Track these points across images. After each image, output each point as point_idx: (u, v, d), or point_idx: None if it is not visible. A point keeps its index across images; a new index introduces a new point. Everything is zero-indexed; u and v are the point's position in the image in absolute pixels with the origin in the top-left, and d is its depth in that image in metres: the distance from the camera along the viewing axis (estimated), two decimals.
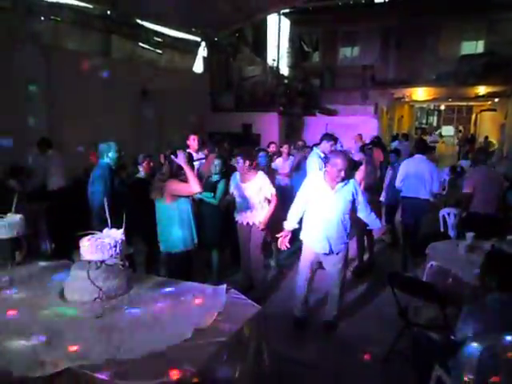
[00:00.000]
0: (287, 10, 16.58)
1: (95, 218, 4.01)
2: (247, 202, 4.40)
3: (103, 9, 8.95)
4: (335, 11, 15.81)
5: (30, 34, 7.21)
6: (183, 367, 1.85)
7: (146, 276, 2.99)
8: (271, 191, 4.36)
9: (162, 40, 10.97)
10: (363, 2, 15.53)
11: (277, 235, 3.88)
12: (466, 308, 2.40)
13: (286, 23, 17.66)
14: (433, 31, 16.22)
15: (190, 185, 3.30)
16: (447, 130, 30.13)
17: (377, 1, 15.60)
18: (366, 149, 5.99)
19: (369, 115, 13.86)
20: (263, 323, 2.50)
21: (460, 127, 24.47)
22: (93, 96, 7.79)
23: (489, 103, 18.24)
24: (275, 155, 7.11)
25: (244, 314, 2.38)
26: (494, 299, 2.35)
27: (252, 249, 4.47)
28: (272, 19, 16.23)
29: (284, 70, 17.28)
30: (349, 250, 3.94)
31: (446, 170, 9.09)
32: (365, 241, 5.48)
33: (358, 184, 5.08)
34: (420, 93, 17.20)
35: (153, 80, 9.48)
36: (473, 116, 22.62)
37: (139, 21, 10.03)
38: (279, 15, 16.18)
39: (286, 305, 4.25)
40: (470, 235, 3.89)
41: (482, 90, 15.95)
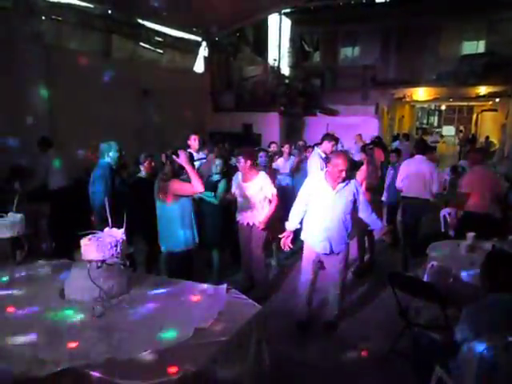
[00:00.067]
0: (288, 10, 16.59)
1: (96, 218, 4.02)
2: (248, 202, 4.39)
3: (104, 8, 8.95)
4: (336, 11, 15.81)
5: (31, 34, 7.21)
6: (184, 367, 1.85)
7: (147, 275, 2.99)
8: (272, 191, 4.36)
9: (163, 40, 10.97)
10: (364, 2, 15.54)
11: (279, 235, 3.88)
12: (467, 308, 2.40)
13: (287, 23, 17.67)
14: (433, 31, 16.23)
15: (193, 184, 3.31)
16: (448, 130, 30.10)
17: (378, 1, 15.61)
18: (367, 149, 5.97)
19: (369, 115, 13.85)
20: (264, 323, 2.50)
21: (461, 127, 24.43)
22: (93, 96, 7.79)
23: (490, 103, 18.22)
24: (276, 155, 7.11)
25: (244, 314, 2.38)
26: (495, 299, 2.34)
27: (253, 249, 4.47)
28: (273, 19, 16.25)
29: (285, 70, 17.29)
30: (349, 251, 3.94)
31: (447, 170, 9.08)
32: (365, 241, 5.49)
33: (360, 184, 5.11)
34: (421, 93, 17.19)
35: (154, 80, 9.49)
36: (474, 116, 22.60)
37: (140, 20, 10.03)
38: (280, 15, 16.18)
39: (287, 304, 4.25)
40: (471, 235, 3.88)
41: (483, 90, 15.94)
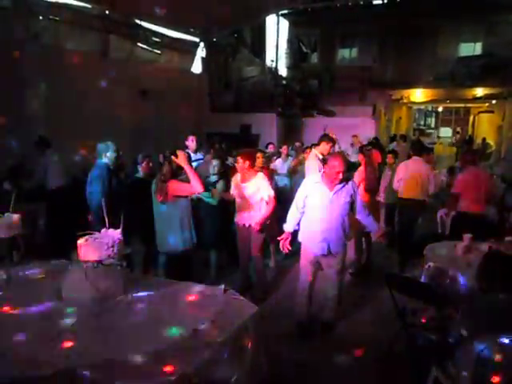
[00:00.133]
0: (286, 11, 16.60)
1: (93, 218, 4.01)
2: (246, 203, 4.39)
3: (102, 9, 8.95)
4: (333, 12, 15.84)
5: (29, 34, 7.20)
6: (181, 368, 1.85)
7: (144, 276, 2.99)
8: (269, 193, 4.32)
9: (161, 40, 10.98)
10: (361, 4, 15.57)
11: (277, 236, 3.87)
12: (464, 309, 2.41)
13: (285, 24, 17.68)
14: (431, 33, 16.25)
15: (192, 185, 3.30)
16: (445, 132, 30.16)
17: (375, 2, 15.65)
18: (365, 150, 5.99)
19: (367, 116, 13.88)
20: (261, 324, 2.51)
21: (458, 129, 24.45)
22: (91, 96, 7.78)
23: (486, 105, 18.25)
24: (274, 156, 7.14)
25: (242, 315, 2.38)
26: (492, 300, 2.35)
27: (251, 249, 4.47)
28: (271, 20, 16.27)
29: (282, 71, 17.29)
30: (347, 252, 3.94)
31: (444, 171, 9.11)
32: (363, 242, 5.50)
33: (358, 185, 5.12)
34: (418, 94, 17.21)
35: (151, 80, 9.49)
36: (470, 118, 22.62)
37: (138, 21, 10.03)
38: (278, 16, 16.19)
39: (285, 305, 4.25)
40: (468, 236, 3.90)
41: (480, 92, 15.97)
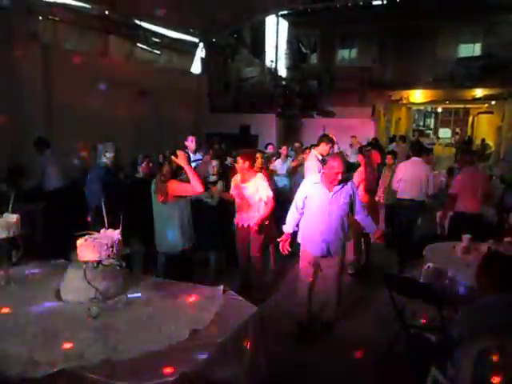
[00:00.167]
0: (285, 12, 16.60)
1: (92, 218, 4.01)
2: (246, 203, 4.38)
3: (101, 9, 8.94)
4: (333, 13, 15.85)
5: (29, 34, 7.20)
6: (180, 368, 1.84)
7: (143, 276, 2.98)
8: (267, 194, 4.30)
9: (160, 40, 10.96)
10: (361, 4, 15.57)
11: (276, 237, 3.86)
12: (463, 309, 2.41)
13: (284, 25, 17.70)
14: (430, 34, 16.27)
15: (193, 185, 3.29)
16: (444, 133, 30.18)
17: (375, 3, 15.65)
18: (365, 150, 5.99)
19: (366, 117, 13.89)
20: (260, 324, 2.50)
21: (457, 129, 24.46)
22: (90, 96, 7.77)
23: (486, 106, 18.26)
24: (274, 157, 7.14)
25: (241, 315, 2.38)
26: (491, 300, 2.35)
27: (251, 250, 4.46)
28: (270, 20, 16.28)
29: (282, 72, 17.30)
30: (346, 252, 3.94)
31: (444, 172, 9.11)
32: (362, 243, 5.49)
33: (357, 186, 5.12)
34: (417, 95, 17.22)
35: (151, 81, 9.48)
36: (470, 118, 22.63)
37: (137, 21, 10.02)
38: (277, 17, 16.22)
39: (285, 306, 4.26)
40: (467, 237, 3.90)
41: (479, 93, 15.99)
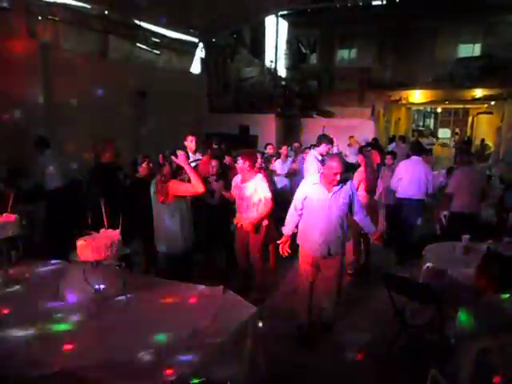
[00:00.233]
0: (285, 12, 16.61)
1: (92, 218, 4.00)
2: (246, 203, 4.38)
3: (101, 9, 8.94)
4: (333, 13, 15.85)
5: (29, 34, 7.19)
6: (179, 368, 1.84)
7: (143, 276, 2.98)
8: (265, 195, 4.27)
9: (160, 41, 10.97)
10: (361, 5, 15.59)
11: (276, 237, 3.86)
12: (462, 309, 2.41)
13: (284, 25, 17.70)
14: (430, 34, 16.27)
15: (194, 184, 3.29)
16: (444, 133, 30.21)
17: (374, 3, 15.66)
18: (365, 151, 6.00)
19: (366, 117, 13.90)
20: (260, 324, 2.50)
21: (457, 130, 24.48)
22: (90, 96, 7.77)
23: (485, 106, 18.27)
24: (274, 157, 7.12)
25: (240, 316, 2.38)
26: (490, 301, 2.36)
27: (251, 250, 4.45)
28: (270, 21, 16.29)
29: (282, 72, 17.31)
30: (345, 252, 3.94)
31: (443, 172, 9.12)
32: (361, 243, 5.50)
33: (357, 186, 5.12)
34: (417, 95, 17.23)
35: (150, 81, 9.48)
36: (469, 119, 22.64)
37: (137, 21, 10.02)
38: (277, 17, 16.22)
39: (284, 306, 4.26)
40: (466, 237, 3.90)
41: (479, 93, 16.00)
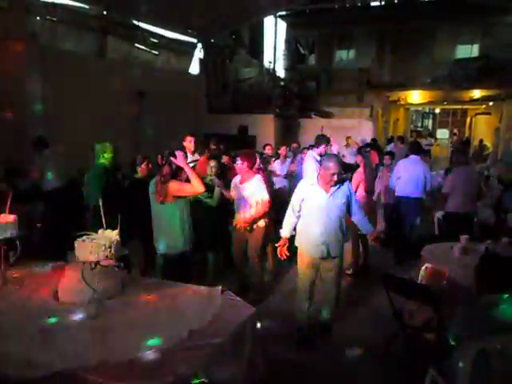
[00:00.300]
0: (284, 13, 16.63)
1: (90, 219, 4.00)
2: (244, 203, 4.38)
3: (99, 9, 8.94)
4: (331, 14, 15.87)
5: (27, 34, 7.19)
6: (178, 369, 1.84)
7: (141, 277, 2.98)
8: (262, 197, 4.25)
9: (158, 41, 10.97)
10: (359, 5, 15.61)
11: (274, 238, 3.85)
12: (460, 310, 2.41)
13: (283, 25, 17.72)
14: (428, 35, 16.33)
15: (193, 185, 3.29)
16: (442, 133, 30.26)
17: (373, 4, 15.68)
18: (364, 151, 6.01)
19: (364, 118, 13.92)
20: (258, 325, 2.50)
21: (455, 130, 24.53)
22: (88, 96, 7.76)
23: (483, 107, 18.32)
24: (273, 157, 7.12)
25: (239, 316, 2.38)
26: (488, 301, 2.36)
27: (249, 251, 4.45)
28: (268, 21, 16.31)
29: (280, 72, 17.33)
30: (344, 253, 3.94)
31: (441, 173, 9.13)
32: (359, 243, 5.50)
33: (356, 186, 5.13)
34: (415, 96, 17.28)
35: (149, 81, 9.47)
36: (467, 119, 22.70)
37: (135, 21, 10.02)
38: (275, 17, 16.22)
39: (282, 306, 4.26)
40: (464, 237, 3.91)
41: (477, 94, 16.05)
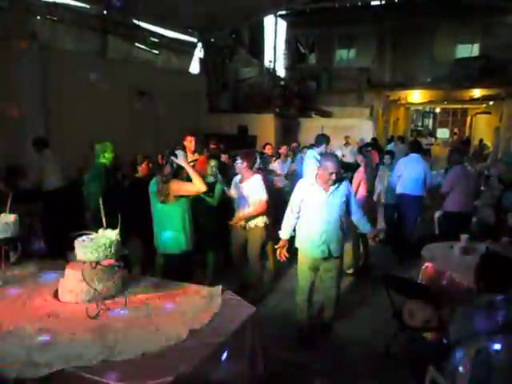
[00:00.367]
0: (284, 12, 16.60)
1: (90, 219, 4.00)
2: (244, 202, 4.38)
3: (100, 9, 8.93)
4: (331, 13, 15.86)
5: (27, 34, 7.18)
6: (178, 368, 1.84)
7: (142, 277, 2.98)
8: (261, 197, 4.25)
9: (159, 40, 10.96)
10: (359, 5, 15.60)
11: (274, 239, 3.84)
12: (461, 309, 2.42)
13: (283, 25, 17.70)
14: (429, 34, 16.32)
15: (195, 184, 3.29)
16: (442, 133, 30.27)
17: (373, 3, 15.67)
18: (365, 151, 6.01)
19: (364, 117, 13.92)
20: (258, 324, 2.50)
21: (455, 130, 24.55)
22: (89, 96, 7.76)
23: (483, 106, 18.32)
24: (273, 157, 7.12)
25: (239, 315, 2.38)
26: (489, 301, 2.36)
27: (249, 250, 4.45)
28: (268, 21, 16.26)
29: (280, 72, 17.31)
30: (344, 253, 3.94)
31: (442, 172, 9.13)
32: (360, 243, 5.50)
33: (357, 186, 5.13)
34: (416, 95, 17.27)
35: (149, 81, 9.47)
36: (468, 119, 22.71)
37: (135, 21, 10.01)
38: (276, 17, 16.19)
39: (282, 306, 4.26)
40: (465, 237, 3.91)
41: (477, 93, 16.04)
